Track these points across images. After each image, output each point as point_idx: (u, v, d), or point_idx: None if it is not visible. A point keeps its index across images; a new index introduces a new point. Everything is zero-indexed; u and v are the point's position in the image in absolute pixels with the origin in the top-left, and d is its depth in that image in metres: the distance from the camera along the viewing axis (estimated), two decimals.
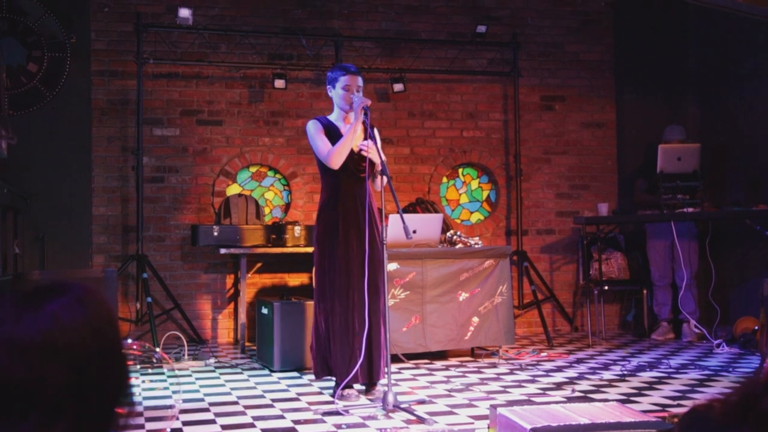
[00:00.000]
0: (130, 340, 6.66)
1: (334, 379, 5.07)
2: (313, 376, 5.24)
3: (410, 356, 6.34)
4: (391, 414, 4.50)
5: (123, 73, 7.69)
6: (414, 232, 6.00)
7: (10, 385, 1.20)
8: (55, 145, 7.50)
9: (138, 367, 6.00)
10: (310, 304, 6.10)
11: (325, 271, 4.99)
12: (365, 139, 4.96)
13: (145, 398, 5.01)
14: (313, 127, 5.06)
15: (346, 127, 5.05)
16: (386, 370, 4.64)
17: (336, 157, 4.91)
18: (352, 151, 4.97)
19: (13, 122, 6.95)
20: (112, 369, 1.30)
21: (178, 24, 7.42)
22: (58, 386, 1.22)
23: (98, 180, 7.64)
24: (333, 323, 4.95)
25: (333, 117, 5.16)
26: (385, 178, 4.80)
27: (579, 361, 6.40)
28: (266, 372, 6.00)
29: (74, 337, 1.25)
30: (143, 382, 5.52)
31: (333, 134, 5.03)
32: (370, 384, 5.07)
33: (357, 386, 5.08)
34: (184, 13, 7.31)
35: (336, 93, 5.09)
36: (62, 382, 1.22)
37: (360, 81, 5.09)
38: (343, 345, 4.94)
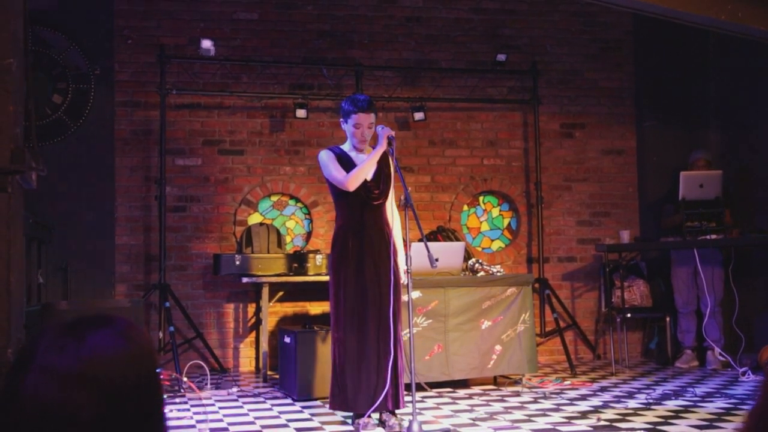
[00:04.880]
0: (158, 370, 6.67)
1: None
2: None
3: (433, 385, 6.31)
4: None
5: (146, 104, 7.76)
6: (436, 260, 6.00)
7: (47, 410, 1.24)
8: (78, 176, 7.57)
9: (164, 396, 6.01)
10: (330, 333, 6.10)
11: (339, 300, 4.96)
12: (388, 165, 5.04)
13: (170, 428, 5.00)
14: (326, 156, 5.05)
15: (361, 156, 5.06)
16: (405, 398, 4.62)
17: (354, 180, 4.89)
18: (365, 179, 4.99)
19: None
20: (149, 402, 1.32)
21: (200, 55, 7.51)
22: (93, 416, 1.24)
23: (121, 209, 7.69)
24: (348, 353, 4.90)
25: (346, 147, 5.13)
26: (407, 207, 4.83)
27: (603, 389, 6.35)
28: (289, 401, 5.99)
29: (113, 370, 1.27)
30: (170, 411, 5.53)
31: (346, 163, 5.01)
32: (389, 413, 5.03)
33: (374, 416, 5.03)
34: (206, 44, 7.40)
35: (347, 128, 5.08)
36: (98, 412, 1.24)
37: (372, 117, 5.04)
38: (360, 375, 4.89)
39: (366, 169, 4.93)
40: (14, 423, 1.24)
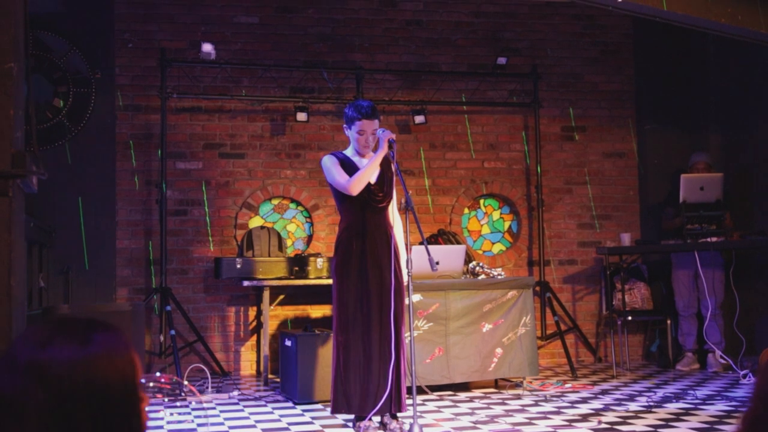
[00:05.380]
0: (158, 373, 6.67)
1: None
2: None
3: (434, 388, 6.31)
4: None
5: (147, 108, 7.77)
6: (437, 263, 6.00)
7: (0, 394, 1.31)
8: (79, 180, 7.58)
9: (165, 399, 6.01)
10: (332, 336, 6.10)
11: (342, 304, 4.97)
12: (391, 169, 5.04)
13: (171, 431, 5.01)
14: (329, 161, 5.06)
15: (364, 161, 5.06)
16: (407, 402, 4.62)
17: (356, 184, 4.89)
18: (368, 182, 5.00)
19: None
20: (105, 415, 1.34)
21: (201, 59, 7.51)
22: (39, 408, 1.29)
23: (122, 213, 7.70)
24: (350, 356, 4.91)
25: (349, 152, 5.14)
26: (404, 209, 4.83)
27: (604, 392, 6.35)
28: (290, 404, 5.99)
29: (65, 371, 1.31)
30: (171, 414, 5.53)
31: (349, 168, 5.02)
32: (391, 417, 5.02)
33: (375, 419, 5.02)
34: (207, 48, 7.40)
35: (351, 134, 5.09)
36: (44, 406, 1.29)
37: (376, 124, 5.04)
38: (361, 378, 4.89)
39: (368, 173, 4.94)
40: None
